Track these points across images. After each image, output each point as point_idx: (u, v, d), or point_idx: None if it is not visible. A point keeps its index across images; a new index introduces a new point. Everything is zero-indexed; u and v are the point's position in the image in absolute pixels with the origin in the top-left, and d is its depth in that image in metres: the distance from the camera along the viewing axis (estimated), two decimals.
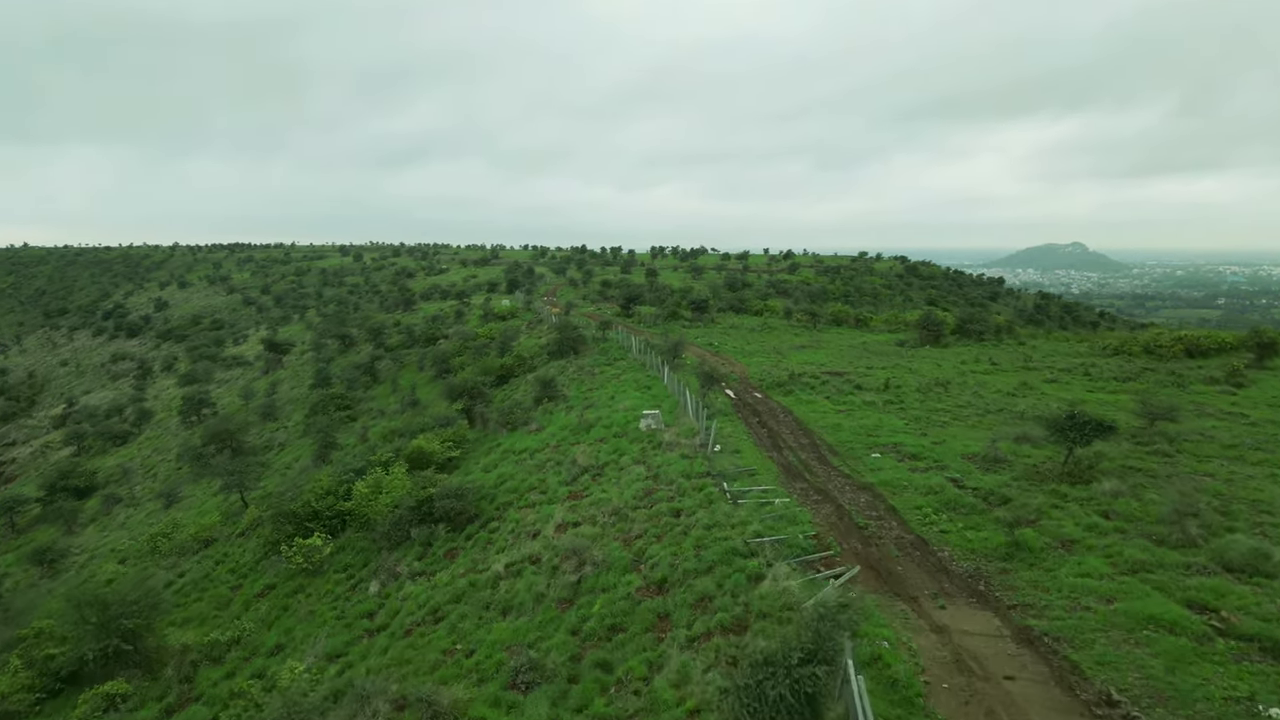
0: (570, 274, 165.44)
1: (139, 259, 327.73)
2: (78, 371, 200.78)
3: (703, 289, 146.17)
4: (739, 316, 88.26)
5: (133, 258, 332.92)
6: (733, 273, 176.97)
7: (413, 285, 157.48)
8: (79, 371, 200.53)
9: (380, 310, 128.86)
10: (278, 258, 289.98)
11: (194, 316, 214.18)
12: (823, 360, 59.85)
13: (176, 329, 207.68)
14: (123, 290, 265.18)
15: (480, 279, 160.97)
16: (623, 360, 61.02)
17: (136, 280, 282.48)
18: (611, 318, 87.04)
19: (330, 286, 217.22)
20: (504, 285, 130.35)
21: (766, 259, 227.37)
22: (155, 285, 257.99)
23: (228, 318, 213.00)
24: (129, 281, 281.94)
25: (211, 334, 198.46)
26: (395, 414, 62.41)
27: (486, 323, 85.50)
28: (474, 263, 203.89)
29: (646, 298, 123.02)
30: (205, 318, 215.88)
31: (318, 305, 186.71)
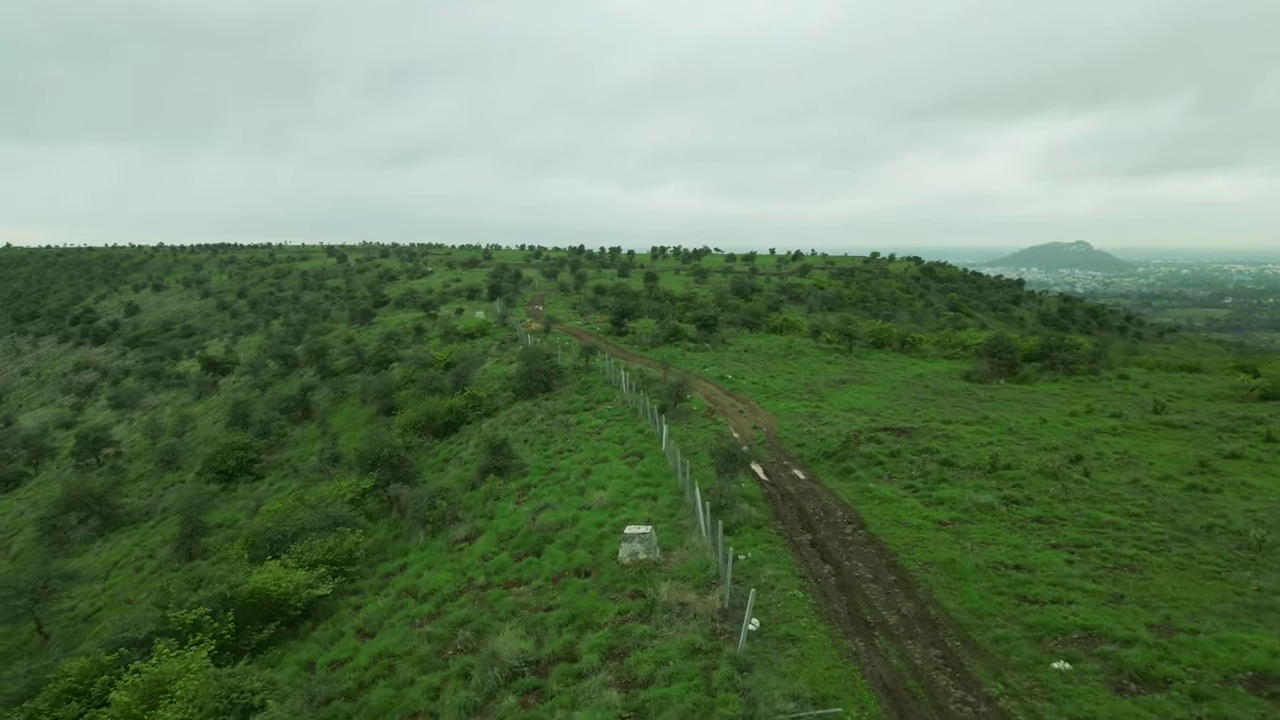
0: (562, 278, 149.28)
1: (119, 260, 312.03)
2: (38, 382, 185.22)
3: (707, 295, 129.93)
4: (755, 336, 72.26)
5: (113, 258, 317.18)
6: (739, 276, 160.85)
7: (388, 291, 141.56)
8: (39, 382, 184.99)
9: (349, 320, 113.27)
10: (262, 258, 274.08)
11: (164, 322, 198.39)
12: (874, 404, 44.11)
13: (144, 336, 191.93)
14: (96, 293, 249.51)
15: (464, 283, 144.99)
16: (608, 403, 45.38)
17: (113, 283, 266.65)
18: (600, 336, 71.05)
19: (310, 290, 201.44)
20: (485, 291, 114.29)
21: (775, 260, 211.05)
22: (130, 288, 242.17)
23: (200, 324, 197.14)
24: (105, 284, 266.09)
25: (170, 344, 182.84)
26: (311, 474, 46.62)
27: (448, 343, 69.58)
28: (462, 264, 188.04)
29: (644, 308, 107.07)
30: (176, 324, 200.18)
31: (290, 311, 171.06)
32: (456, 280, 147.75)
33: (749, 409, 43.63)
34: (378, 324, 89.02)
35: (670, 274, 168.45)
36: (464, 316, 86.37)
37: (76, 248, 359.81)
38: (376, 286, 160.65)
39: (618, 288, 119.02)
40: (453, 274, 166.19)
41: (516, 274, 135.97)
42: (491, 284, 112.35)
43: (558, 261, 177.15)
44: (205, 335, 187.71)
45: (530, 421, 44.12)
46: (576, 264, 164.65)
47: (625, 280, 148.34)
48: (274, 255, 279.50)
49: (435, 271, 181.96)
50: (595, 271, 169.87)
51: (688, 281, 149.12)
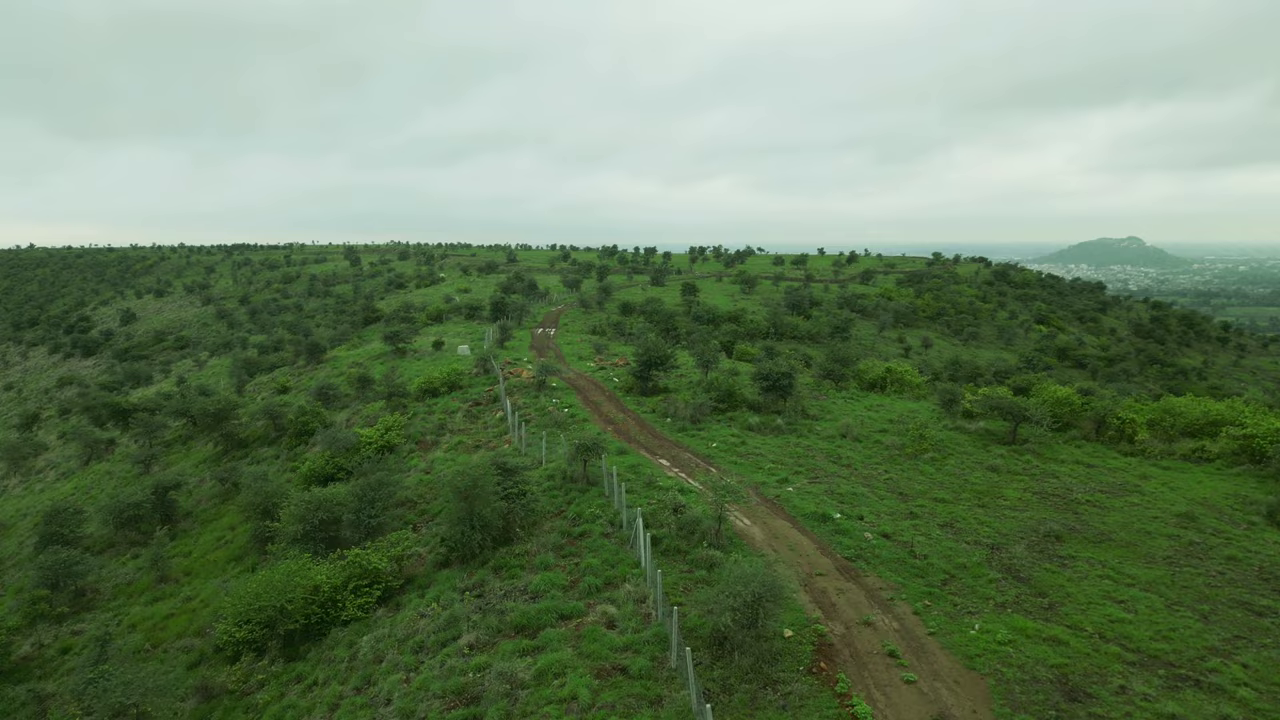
0: (585, 288, 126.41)
1: (134, 261, 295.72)
2: (20, 399, 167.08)
3: (757, 311, 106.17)
4: (847, 397, 47.88)
5: (129, 260, 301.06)
6: (792, 284, 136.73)
7: (381, 305, 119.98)
8: (20, 399, 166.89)
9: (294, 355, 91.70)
10: (276, 260, 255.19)
11: (158, 333, 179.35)
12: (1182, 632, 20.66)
13: (134, 348, 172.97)
14: (100, 298, 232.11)
15: (472, 294, 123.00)
16: (612, 587, 22.73)
17: (121, 286, 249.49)
18: (619, 395, 47.93)
19: (315, 295, 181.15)
20: (487, 309, 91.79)
21: (830, 264, 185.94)
22: (133, 294, 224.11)
23: (195, 334, 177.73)
24: (113, 288, 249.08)
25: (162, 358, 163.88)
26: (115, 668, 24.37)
27: (393, 408, 46.86)
28: (479, 269, 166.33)
29: (680, 330, 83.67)
30: (170, 334, 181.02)
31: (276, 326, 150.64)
32: (465, 291, 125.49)
33: (907, 641, 20.19)
34: (331, 360, 66.68)
35: (711, 281, 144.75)
36: (441, 355, 63.74)
37: (96, 248, 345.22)
38: (374, 296, 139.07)
39: (649, 304, 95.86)
40: (465, 281, 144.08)
41: (531, 285, 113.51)
42: (496, 301, 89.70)
43: (583, 267, 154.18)
44: (198, 347, 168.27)
45: (446, 648, 21.18)
46: (604, 271, 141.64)
47: (659, 291, 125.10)
48: (289, 257, 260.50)
49: (447, 278, 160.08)
50: (625, 279, 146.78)
51: (733, 293, 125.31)
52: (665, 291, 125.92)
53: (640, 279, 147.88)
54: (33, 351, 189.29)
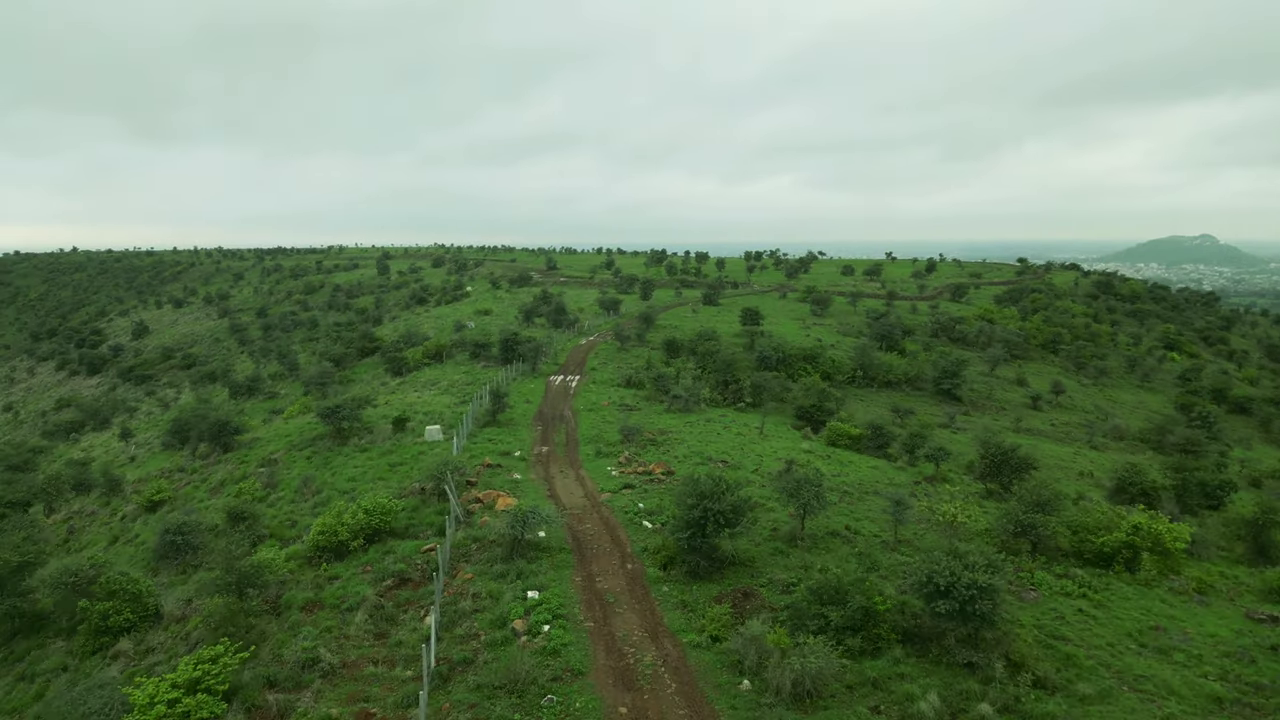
0: (626, 310, 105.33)
1: (167, 266, 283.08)
2: (16, 421, 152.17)
3: (840, 347, 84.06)
4: (1074, 597, 25.45)
5: (163, 264, 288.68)
6: (867, 300, 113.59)
7: (381, 332, 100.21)
8: (17, 421, 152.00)
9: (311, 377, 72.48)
10: (306, 267, 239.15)
11: (166, 349, 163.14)
12: None
13: (139, 366, 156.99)
14: (122, 307, 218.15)
15: (494, 314, 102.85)
16: None
17: (146, 294, 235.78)
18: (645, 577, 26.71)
19: (335, 309, 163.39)
20: (496, 345, 71.22)
21: (910, 274, 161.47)
22: (154, 303, 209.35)
23: (206, 351, 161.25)
24: (137, 296, 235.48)
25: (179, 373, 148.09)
26: None
27: (234, 626, 26.25)
28: (512, 281, 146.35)
29: (742, 388, 62.32)
30: (180, 351, 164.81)
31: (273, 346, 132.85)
32: (484, 313, 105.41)
33: None
34: (251, 443, 46.41)
35: (773, 298, 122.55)
36: (399, 443, 43.06)
37: (135, 252, 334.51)
38: (383, 318, 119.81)
39: (701, 339, 74.34)
40: (489, 299, 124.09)
41: (559, 308, 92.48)
42: (507, 339, 69.12)
43: (625, 281, 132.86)
44: (205, 364, 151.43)
45: None
46: (649, 286, 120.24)
47: (712, 313, 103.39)
48: (321, 263, 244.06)
49: (473, 292, 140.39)
50: (673, 294, 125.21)
51: (801, 315, 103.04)
52: (720, 314, 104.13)
53: (691, 295, 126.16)
54: (41, 367, 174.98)
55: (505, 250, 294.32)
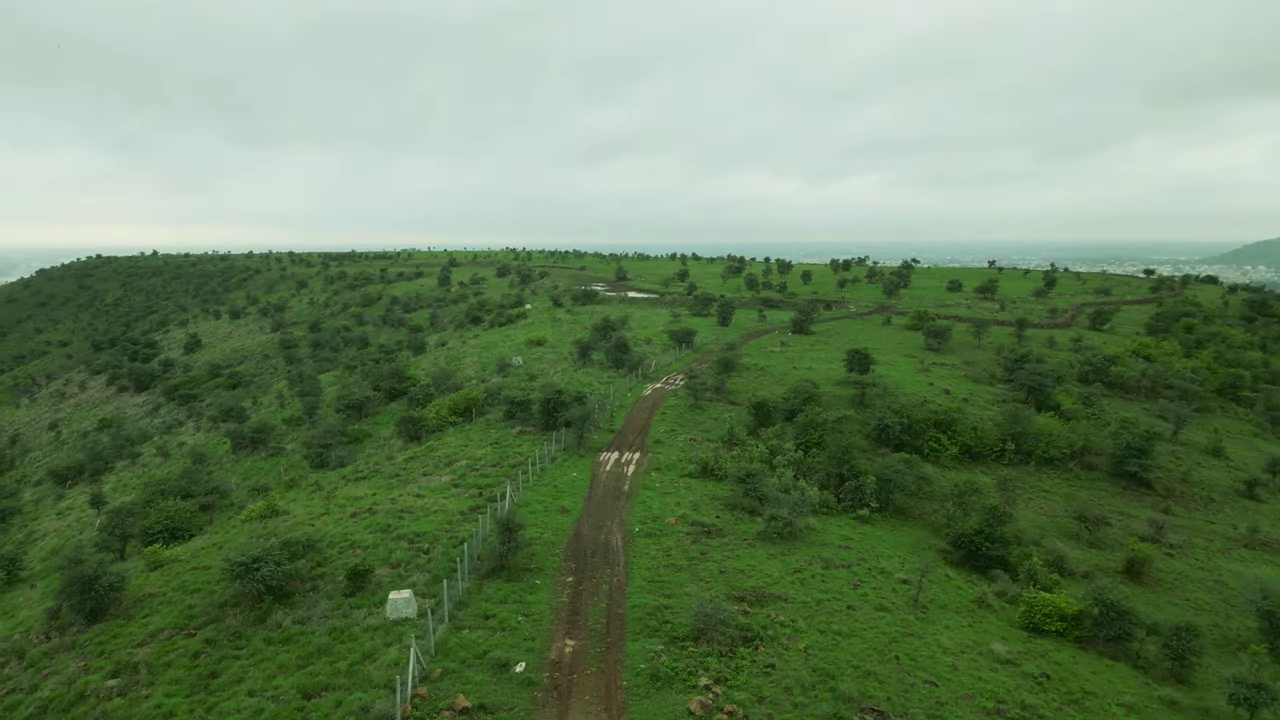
0: (701, 341, 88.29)
1: (237, 272, 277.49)
2: (58, 441, 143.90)
3: (969, 393, 65.46)
4: None
5: (234, 270, 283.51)
6: (988, 326, 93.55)
7: (415, 370, 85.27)
8: (59, 441, 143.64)
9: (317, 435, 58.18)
10: (371, 275, 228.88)
11: (214, 366, 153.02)
12: None
13: (185, 385, 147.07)
14: (183, 316, 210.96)
15: (547, 347, 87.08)
16: None
17: (210, 303, 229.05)
18: None
19: (389, 325, 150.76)
20: (537, 407, 54.87)
21: (1031, 293, 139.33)
22: (213, 314, 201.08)
23: (253, 369, 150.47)
24: (201, 304, 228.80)
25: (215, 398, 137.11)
26: None
27: None
28: (575, 298, 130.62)
29: (862, 484, 44.71)
30: (227, 367, 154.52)
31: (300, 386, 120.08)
32: (538, 343, 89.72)
33: None
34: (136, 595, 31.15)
35: (876, 323, 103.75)
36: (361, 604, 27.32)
37: (210, 256, 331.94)
38: (425, 346, 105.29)
39: (800, 402, 56.81)
40: (547, 323, 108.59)
41: (622, 344, 75.32)
42: (549, 399, 52.97)
43: (701, 301, 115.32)
44: (252, 387, 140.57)
45: None
46: (727, 308, 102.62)
47: (805, 346, 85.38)
48: (385, 271, 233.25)
49: (531, 311, 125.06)
50: (756, 318, 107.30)
51: (917, 352, 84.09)
52: (815, 347, 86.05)
53: (777, 318, 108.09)
54: (94, 380, 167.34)
55: (575, 256, 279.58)
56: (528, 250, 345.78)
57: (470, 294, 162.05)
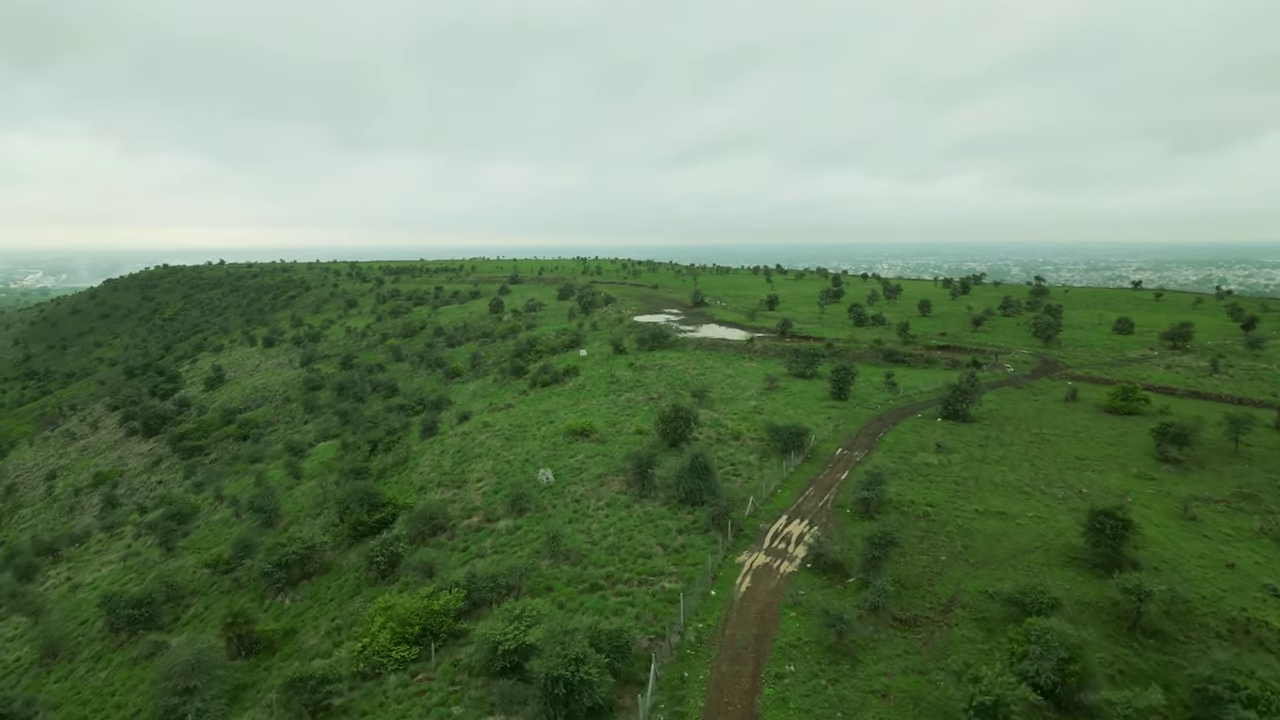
0: (817, 440, 60.07)
1: (294, 286, 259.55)
2: (49, 499, 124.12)
3: None
4: None
5: (290, 284, 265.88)
6: (1265, 438, 62.56)
7: (396, 487, 59.36)
8: (50, 499, 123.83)
9: None
10: (426, 293, 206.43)
11: (227, 412, 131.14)
12: None
13: (193, 433, 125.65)
14: (222, 339, 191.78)
15: (594, 441, 60.50)
16: None
17: (254, 321, 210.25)
18: None
19: (425, 365, 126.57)
20: (541, 674, 27.38)
21: (1245, 338, 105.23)
22: (246, 339, 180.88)
23: (270, 414, 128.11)
24: (245, 325, 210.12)
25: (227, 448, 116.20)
26: None
27: None
28: (642, 342, 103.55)
29: None
30: (243, 411, 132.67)
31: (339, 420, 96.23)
32: (581, 435, 62.94)
33: None
34: None
35: (1055, 403, 73.72)
36: None
37: (272, 265, 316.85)
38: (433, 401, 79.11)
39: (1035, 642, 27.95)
40: (600, 383, 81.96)
41: (701, 468, 47.73)
42: (558, 677, 25.46)
43: (804, 358, 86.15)
44: (262, 437, 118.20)
45: None
46: (845, 378, 73.66)
47: (970, 441, 56.04)
48: (440, 290, 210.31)
49: (585, 362, 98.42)
50: (882, 384, 77.84)
51: (1151, 472, 53.52)
52: (987, 453, 56.84)
53: (909, 383, 78.76)
54: (108, 419, 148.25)
55: (648, 270, 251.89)
56: (598, 261, 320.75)
57: (522, 326, 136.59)
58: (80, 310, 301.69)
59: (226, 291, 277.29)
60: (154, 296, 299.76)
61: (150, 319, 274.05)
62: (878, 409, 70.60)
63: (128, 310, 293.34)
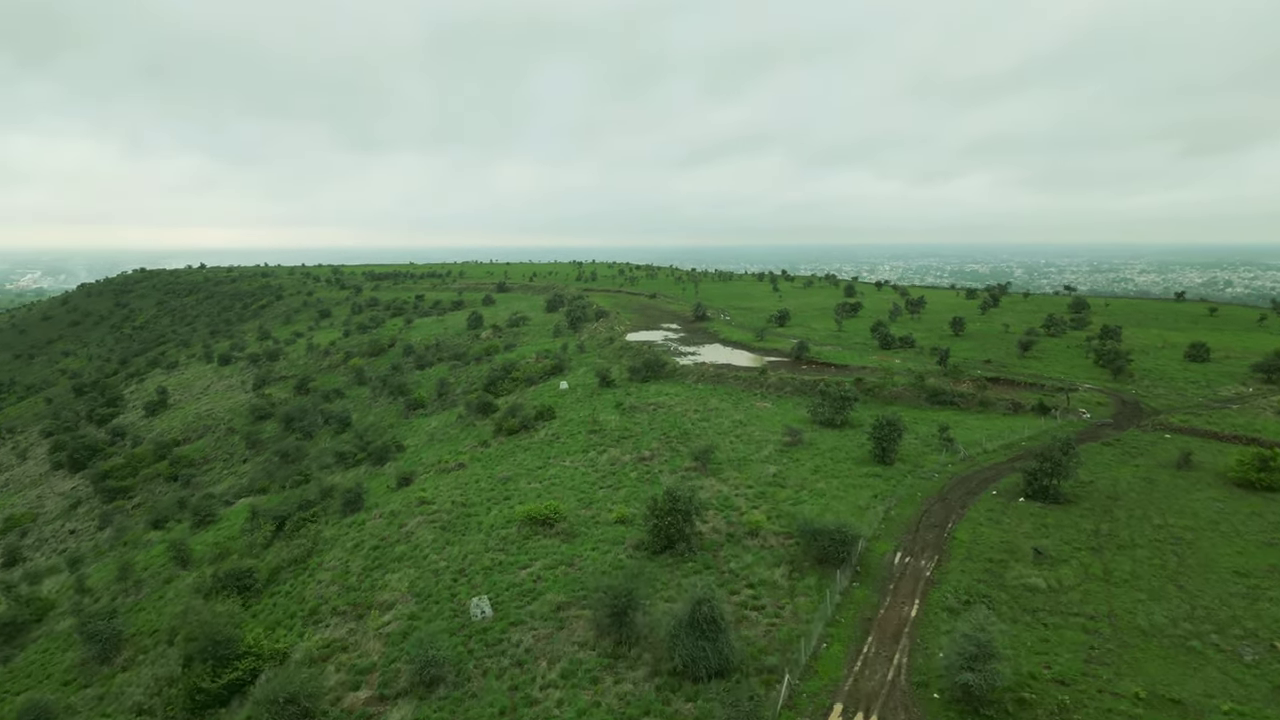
0: (867, 536, 42.97)
1: (270, 293, 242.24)
2: None
3: None
4: None
5: (268, 290, 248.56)
6: None
7: (256, 635, 42.91)
8: None
9: None
10: (406, 303, 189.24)
11: (160, 446, 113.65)
12: None
13: (121, 470, 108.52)
14: (177, 355, 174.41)
15: (552, 532, 43.84)
16: None
17: (222, 332, 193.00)
18: None
19: (389, 393, 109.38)
20: None
21: None
22: (204, 354, 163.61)
23: (210, 447, 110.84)
24: (211, 334, 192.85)
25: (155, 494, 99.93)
26: None
27: None
28: (634, 372, 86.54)
29: None
30: (181, 443, 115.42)
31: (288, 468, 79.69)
32: (544, 523, 45.84)
33: None
34: None
35: (1155, 460, 56.36)
36: None
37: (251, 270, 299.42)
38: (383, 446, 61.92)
39: None
40: (578, 445, 65.26)
41: (708, 621, 31.03)
42: None
43: (833, 402, 68.64)
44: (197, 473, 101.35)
45: None
46: (892, 434, 56.05)
47: (1081, 548, 38.86)
48: (420, 300, 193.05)
49: (565, 399, 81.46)
50: (935, 438, 60.46)
51: None
52: (1104, 563, 39.74)
53: (979, 455, 61.61)
54: (37, 448, 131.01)
55: (646, 276, 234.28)
56: (594, 265, 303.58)
57: (500, 346, 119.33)
58: (51, 317, 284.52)
59: (201, 298, 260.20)
60: (128, 302, 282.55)
61: (121, 327, 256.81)
62: (935, 478, 53.51)
63: (100, 317, 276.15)
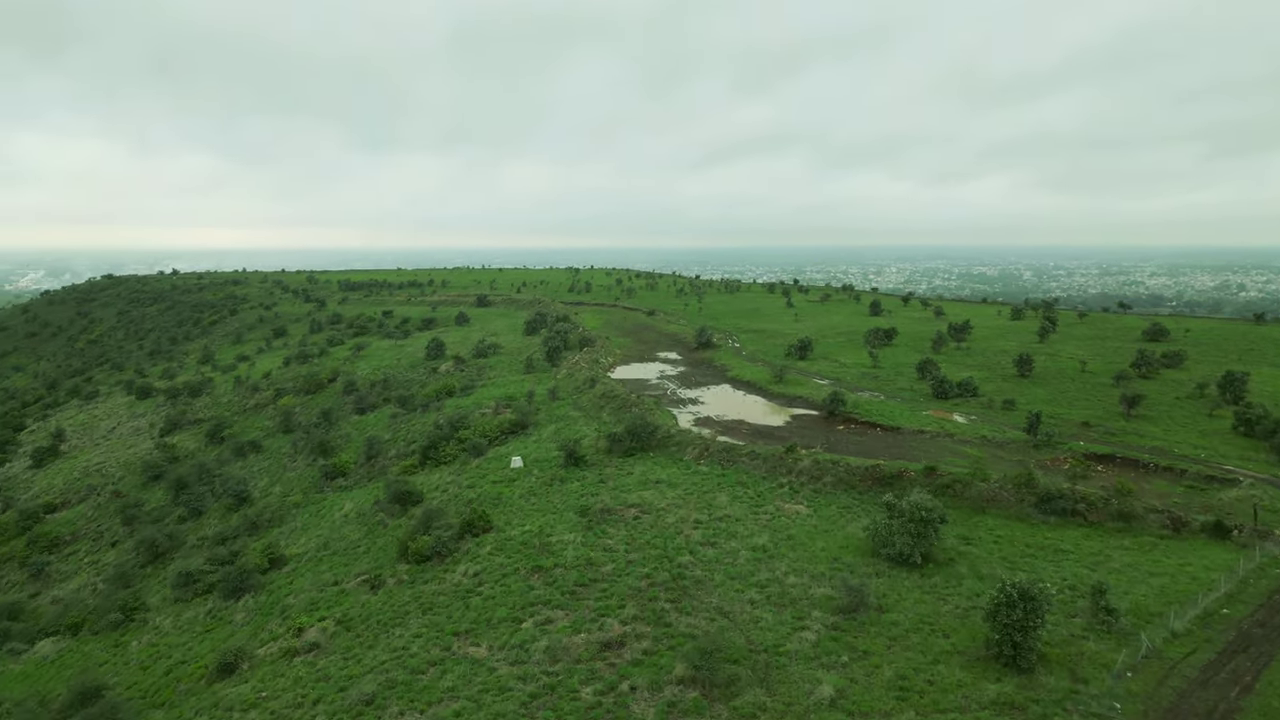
0: None
1: (237, 302, 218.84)
2: None
3: None
4: None
5: (232, 300, 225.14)
6: None
7: None
8: None
9: None
10: (370, 320, 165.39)
11: (27, 513, 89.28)
12: None
13: None
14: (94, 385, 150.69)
15: None
16: None
17: (163, 353, 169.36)
18: None
19: (311, 451, 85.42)
20: None
21: None
22: (123, 387, 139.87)
23: (81, 522, 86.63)
24: (150, 354, 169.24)
25: None
26: None
27: None
28: (615, 444, 63.41)
29: None
30: (54, 509, 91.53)
31: None
32: None
33: None
34: None
35: None
36: None
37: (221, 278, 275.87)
38: None
39: None
40: (516, 585, 40.56)
41: None
42: None
43: (909, 530, 44.06)
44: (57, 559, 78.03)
45: None
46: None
47: None
48: (385, 319, 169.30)
49: (519, 479, 57.22)
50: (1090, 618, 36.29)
51: None
52: None
53: (1166, 646, 37.82)
54: None
55: (646, 287, 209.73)
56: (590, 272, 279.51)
57: (458, 387, 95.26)
58: (7, 327, 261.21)
59: (164, 309, 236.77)
60: (90, 312, 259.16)
61: (81, 336, 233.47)
62: (1116, 714, 29.32)
63: (59, 328, 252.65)
